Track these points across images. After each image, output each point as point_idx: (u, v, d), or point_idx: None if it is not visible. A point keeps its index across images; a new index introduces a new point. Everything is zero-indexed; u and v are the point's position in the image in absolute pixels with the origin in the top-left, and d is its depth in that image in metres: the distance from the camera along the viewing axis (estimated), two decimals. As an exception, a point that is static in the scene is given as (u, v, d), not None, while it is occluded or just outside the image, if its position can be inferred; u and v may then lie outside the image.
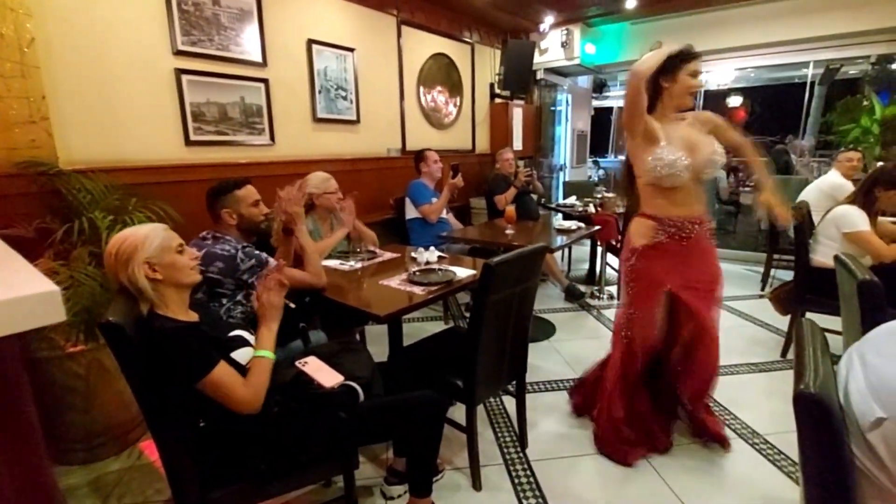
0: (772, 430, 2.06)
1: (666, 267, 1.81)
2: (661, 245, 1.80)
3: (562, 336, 3.09)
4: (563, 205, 4.34)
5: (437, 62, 4.22)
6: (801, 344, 0.85)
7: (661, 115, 1.78)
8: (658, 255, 1.81)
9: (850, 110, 4.49)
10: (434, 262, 2.17)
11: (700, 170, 1.75)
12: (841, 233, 2.46)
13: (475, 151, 4.81)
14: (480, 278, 1.48)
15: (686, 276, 1.81)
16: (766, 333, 3.12)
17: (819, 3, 4.09)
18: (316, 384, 1.32)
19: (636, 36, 5.05)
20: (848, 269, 1.37)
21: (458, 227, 3.49)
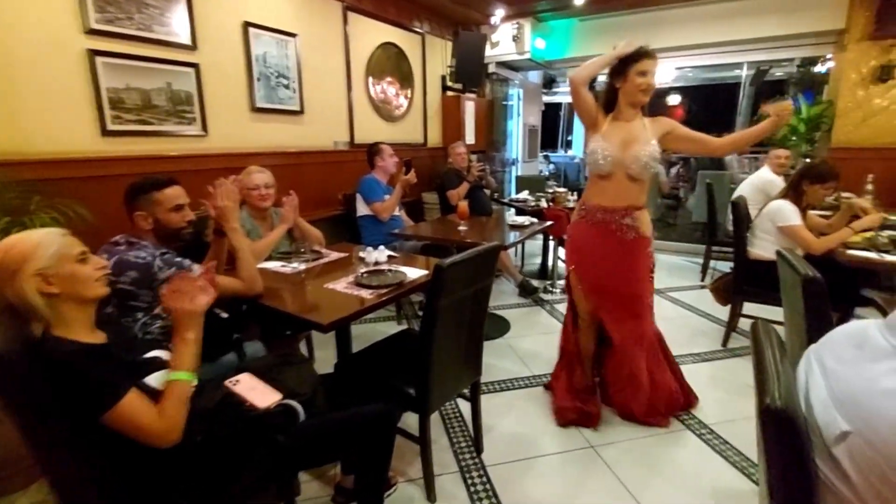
0: (717, 420, 2.12)
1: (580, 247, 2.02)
2: (578, 225, 2.01)
3: (516, 332, 3.07)
4: (515, 199, 4.33)
5: (386, 52, 4.07)
6: (760, 349, 0.82)
7: (619, 113, 1.90)
8: (576, 235, 2.04)
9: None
10: (384, 262, 2.05)
11: (626, 165, 1.86)
12: (775, 227, 2.58)
13: (427, 145, 4.70)
14: (431, 281, 1.39)
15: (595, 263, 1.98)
16: (708, 324, 3.25)
17: (752, 7, 4.29)
18: (248, 405, 1.18)
19: (584, 32, 5.11)
20: (791, 265, 1.39)
21: (411, 224, 3.38)
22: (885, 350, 0.66)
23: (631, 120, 1.89)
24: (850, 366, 0.69)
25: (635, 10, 4.68)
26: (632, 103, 1.86)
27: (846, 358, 0.71)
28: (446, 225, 3.21)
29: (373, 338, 2.00)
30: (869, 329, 0.71)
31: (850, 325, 0.77)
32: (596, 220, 1.94)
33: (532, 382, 2.43)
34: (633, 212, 1.90)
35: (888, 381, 0.61)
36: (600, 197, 1.93)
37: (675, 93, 10.12)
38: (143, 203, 1.50)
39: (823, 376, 0.72)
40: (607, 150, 1.85)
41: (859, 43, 3.87)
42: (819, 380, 0.73)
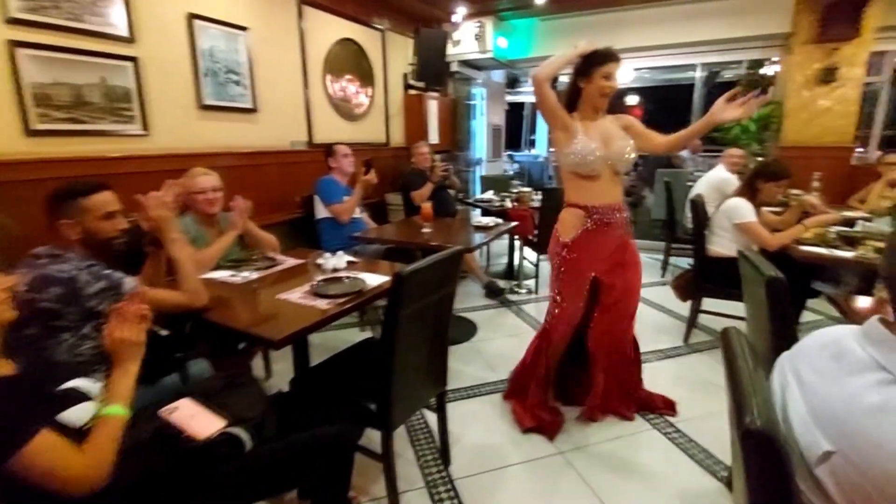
0: (682, 418, 2.13)
1: (592, 255, 1.91)
2: (588, 233, 1.89)
3: (484, 335, 3.02)
4: (480, 200, 4.29)
5: (344, 48, 3.93)
6: (732, 359, 0.79)
7: (583, 113, 1.89)
8: (585, 245, 1.90)
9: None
10: (342, 268, 1.94)
11: (614, 161, 1.86)
12: (732, 223, 2.64)
13: (389, 145, 4.59)
14: (391, 291, 1.31)
15: (609, 260, 1.94)
16: (670, 320, 3.31)
17: (705, 10, 4.42)
18: (187, 436, 1.06)
19: (546, 32, 5.13)
20: (753, 265, 1.39)
21: (373, 227, 3.27)
22: (863, 362, 0.62)
23: (597, 119, 1.90)
24: (828, 379, 0.65)
25: (595, 10, 4.74)
26: (594, 107, 1.87)
27: (824, 371, 0.67)
28: (410, 227, 3.12)
29: (334, 346, 1.90)
30: (845, 339, 0.68)
31: (824, 334, 0.74)
32: (609, 220, 1.88)
33: (500, 387, 2.37)
34: (623, 208, 1.93)
35: (870, 398, 0.58)
36: (591, 198, 1.87)
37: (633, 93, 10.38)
38: (68, 211, 1.34)
39: (801, 390, 0.69)
40: (596, 151, 1.80)
41: (804, 46, 4.05)
42: (796, 394, 0.69)
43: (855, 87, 4.01)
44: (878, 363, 0.61)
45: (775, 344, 1.26)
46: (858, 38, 3.86)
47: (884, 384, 0.59)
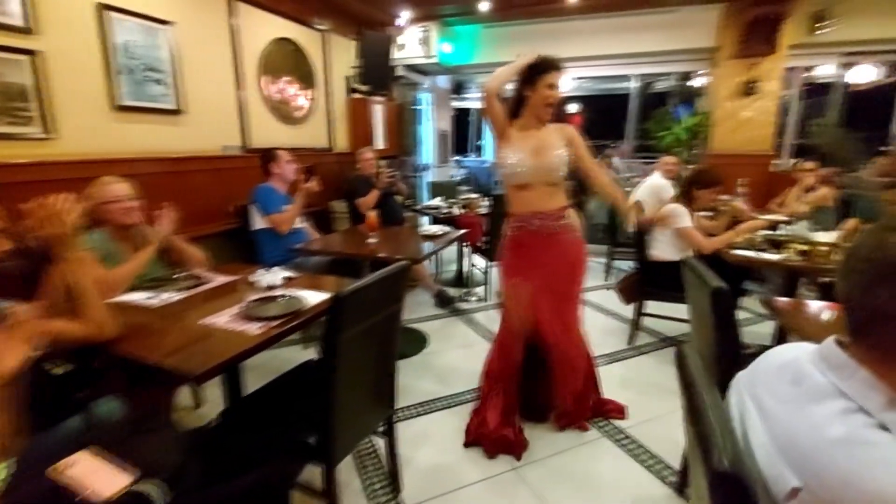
0: (631, 423, 2.15)
1: (527, 261, 1.94)
2: (520, 238, 1.95)
3: (435, 347, 2.93)
4: (428, 206, 4.22)
5: (281, 48, 3.73)
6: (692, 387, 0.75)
7: (525, 121, 1.90)
8: (519, 248, 1.96)
9: (662, 120, 5.23)
10: (278, 285, 1.79)
11: (544, 172, 1.87)
12: (670, 229, 2.73)
13: (333, 150, 4.41)
14: (329, 314, 1.19)
15: (545, 275, 1.93)
16: (615, 323, 3.39)
17: (639, 23, 4.62)
18: (83, 497, 0.90)
19: (490, 39, 5.16)
20: (697, 274, 1.41)
21: (317, 237, 3.10)
22: (824, 389, 0.60)
23: (539, 128, 1.91)
24: (789, 407, 0.62)
25: (537, 20, 4.82)
26: (538, 116, 1.88)
27: (784, 397, 0.65)
28: (356, 237, 2.98)
29: (274, 368, 1.73)
30: (802, 362, 0.66)
31: (780, 354, 0.72)
32: (534, 228, 1.91)
33: (452, 402, 2.30)
34: (564, 212, 1.95)
35: (834, 430, 0.55)
36: (528, 205, 1.91)
37: (573, 102, 10.74)
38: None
39: (761, 417, 0.66)
40: (521, 161, 1.84)
41: (729, 60, 4.33)
42: (757, 422, 0.66)
43: (772, 99, 4.34)
44: (838, 390, 0.59)
45: (719, 351, 1.28)
46: (774, 55, 4.18)
47: (847, 413, 0.56)
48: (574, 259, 1.98)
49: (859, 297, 0.59)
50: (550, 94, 1.81)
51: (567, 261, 1.97)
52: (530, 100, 1.84)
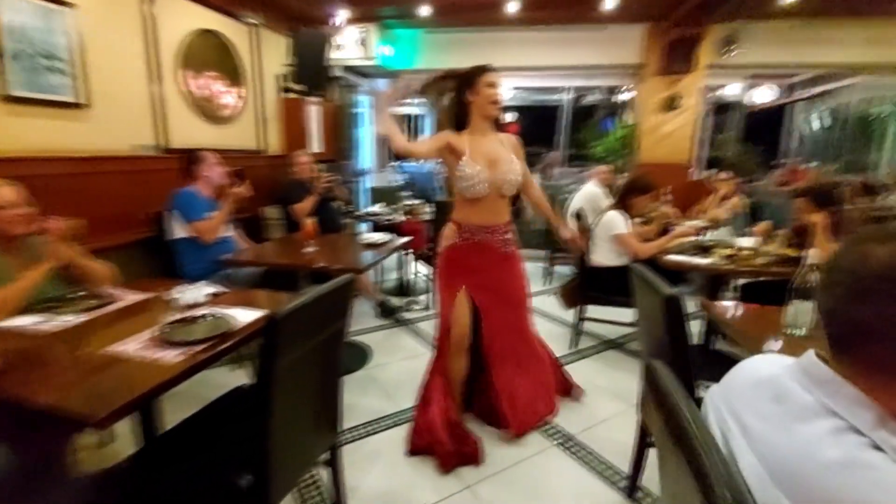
0: (580, 428, 2.16)
1: (464, 268, 1.95)
2: (460, 248, 1.94)
3: (379, 360, 2.80)
4: (369, 213, 4.07)
5: (205, 41, 3.43)
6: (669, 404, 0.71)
7: (475, 128, 1.88)
8: (457, 257, 1.95)
9: (593, 131, 5.48)
10: (202, 302, 1.59)
11: (500, 185, 1.89)
12: (609, 235, 2.82)
13: (265, 152, 4.14)
14: (265, 337, 1.04)
15: (483, 280, 1.97)
16: (557, 327, 3.44)
17: (574, 38, 4.80)
18: None
19: (431, 44, 5.13)
20: (647, 282, 1.42)
21: (247, 247, 2.85)
22: (811, 407, 0.58)
23: (487, 134, 1.91)
24: (776, 427, 0.60)
25: (477, 28, 4.85)
26: (486, 116, 1.88)
27: (768, 416, 0.62)
28: (291, 246, 2.78)
29: (197, 394, 1.53)
30: (781, 378, 0.64)
31: (754, 369, 0.70)
32: (480, 239, 1.93)
33: (399, 419, 2.18)
34: (510, 226, 2.01)
35: (828, 452, 0.52)
36: (478, 217, 1.91)
37: (510, 111, 10.99)
38: None
39: (747, 439, 0.63)
40: (481, 175, 1.83)
41: (653, 77, 4.61)
42: (742, 443, 0.63)
43: (691, 114, 4.68)
44: (827, 408, 0.56)
45: (673, 355, 1.28)
46: (693, 73, 4.51)
47: (839, 433, 0.54)
48: (519, 271, 2.08)
49: (842, 310, 0.57)
50: (493, 91, 1.83)
51: (514, 273, 2.06)
52: (475, 104, 1.85)
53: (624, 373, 2.76)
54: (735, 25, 4.47)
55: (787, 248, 2.61)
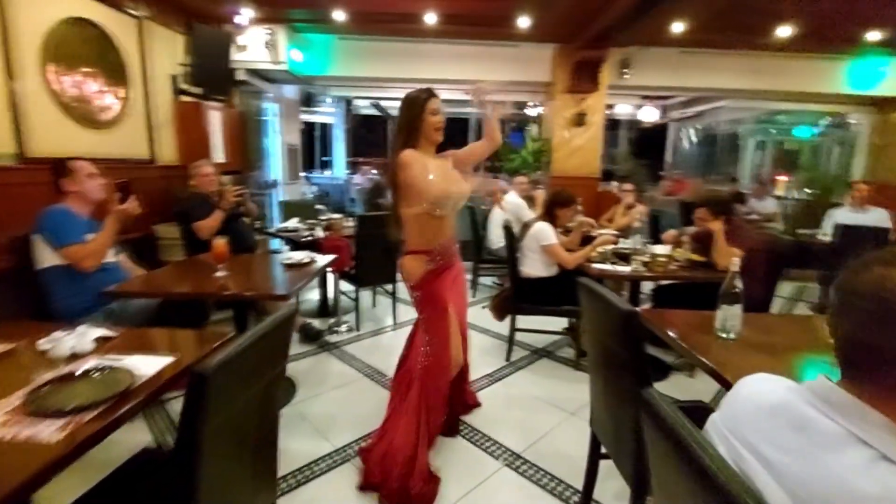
0: (525, 445, 2.12)
1: (445, 290, 1.92)
2: (436, 272, 1.90)
3: (306, 393, 2.53)
4: (284, 229, 3.74)
5: (78, 31, 2.91)
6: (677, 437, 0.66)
7: (425, 149, 1.88)
8: (437, 283, 1.90)
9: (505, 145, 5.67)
10: (88, 351, 1.27)
11: (458, 200, 1.93)
12: (539, 245, 2.87)
13: (156, 162, 3.63)
14: (187, 400, 0.82)
15: (456, 296, 1.98)
16: (489, 339, 3.42)
17: (489, 53, 4.92)
18: None
19: (345, 51, 4.93)
20: (597, 296, 1.41)
21: (138, 274, 2.43)
22: (837, 435, 0.55)
23: (433, 154, 1.94)
24: (802, 458, 0.56)
25: (393, 37, 4.76)
26: (431, 141, 1.92)
27: (789, 447, 0.59)
28: (196, 270, 2.42)
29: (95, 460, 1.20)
30: (797, 405, 0.61)
31: (763, 395, 0.68)
32: (448, 257, 1.93)
33: (337, 459, 1.97)
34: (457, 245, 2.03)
35: (866, 484, 0.50)
36: (443, 235, 1.90)
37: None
38: None
39: (768, 470, 0.59)
40: (446, 190, 1.81)
41: (562, 94, 4.88)
42: (762, 474, 0.59)
43: (597, 130, 5.03)
44: (854, 436, 0.54)
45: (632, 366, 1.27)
46: (597, 92, 4.85)
47: (873, 464, 0.52)
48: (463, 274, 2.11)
49: (862, 335, 0.56)
50: (436, 119, 1.86)
51: (464, 284, 2.11)
52: (421, 129, 1.87)
53: (557, 381, 2.81)
54: (631, 50, 4.90)
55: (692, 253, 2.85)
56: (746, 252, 2.68)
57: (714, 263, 2.71)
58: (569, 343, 3.32)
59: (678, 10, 3.72)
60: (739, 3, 3.75)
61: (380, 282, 3.65)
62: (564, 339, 3.36)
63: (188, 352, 1.35)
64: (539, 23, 4.14)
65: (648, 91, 6.15)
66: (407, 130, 1.86)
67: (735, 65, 5.07)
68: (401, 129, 1.86)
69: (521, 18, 4.03)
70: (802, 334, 1.72)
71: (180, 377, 1.20)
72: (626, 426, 1.34)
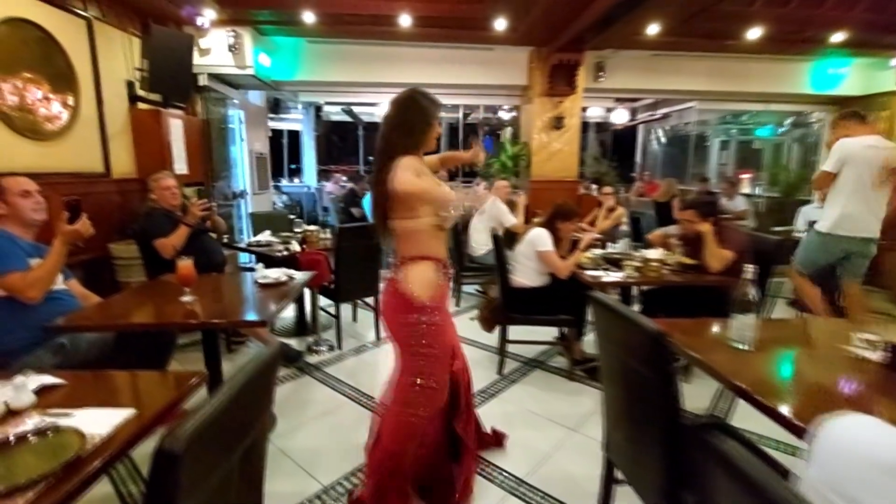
0: (527, 469, 1.99)
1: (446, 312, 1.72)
2: (443, 287, 1.69)
3: (287, 425, 2.32)
4: (257, 244, 3.50)
5: (16, 33, 2.63)
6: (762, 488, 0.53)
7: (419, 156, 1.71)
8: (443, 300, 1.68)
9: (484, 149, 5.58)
10: (27, 405, 1.06)
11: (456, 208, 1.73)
12: (535, 251, 2.75)
13: (111, 176, 3.33)
14: (153, 482, 0.64)
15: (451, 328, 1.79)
16: (479, 352, 3.28)
17: (464, 57, 4.82)
18: None
19: (314, 55, 4.72)
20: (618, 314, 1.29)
21: (93, 302, 2.17)
22: None
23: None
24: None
25: (366, 41, 4.59)
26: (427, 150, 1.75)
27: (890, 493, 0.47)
28: (160, 293, 2.19)
29: None
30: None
31: (879, 451, 0.56)
32: (445, 273, 1.70)
33: (326, 500, 1.78)
34: None
35: None
36: (444, 248, 1.71)
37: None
38: None
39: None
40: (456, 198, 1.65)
41: (540, 98, 4.83)
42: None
43: (575, 133, 4.99)
44: None
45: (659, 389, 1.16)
46: (574, 95, 4.82)
47: None
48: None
49: None
50: (439, 129, 1.73)
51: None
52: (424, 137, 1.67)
53: (553, 393, 2.70)
54: (605, 54, 4.90)
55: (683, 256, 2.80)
56: (737, 253, 2.68)
57: (706, 266, 2.67)
58: (560, 352, 3.22)
59: (651, 13, 3.72)
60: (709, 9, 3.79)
61: (361, 295, 3.46)
62: (554, 348, 3.26)
63: (151, 400, 1.15)
64: (515, 26, 4.07)
65: (621, 94, 6.20)
66: (410, 135, 1.63)
67: (703, 67, 5.15)
68: (402, 133, 1.62)
69: (497, 21, 3.94)
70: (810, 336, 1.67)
71: (142, 434, 1.01)
72: (651, 455, 1.22)
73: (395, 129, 1.61)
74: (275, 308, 1.94)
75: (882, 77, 5.01)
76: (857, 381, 1.27)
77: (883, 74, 4.97)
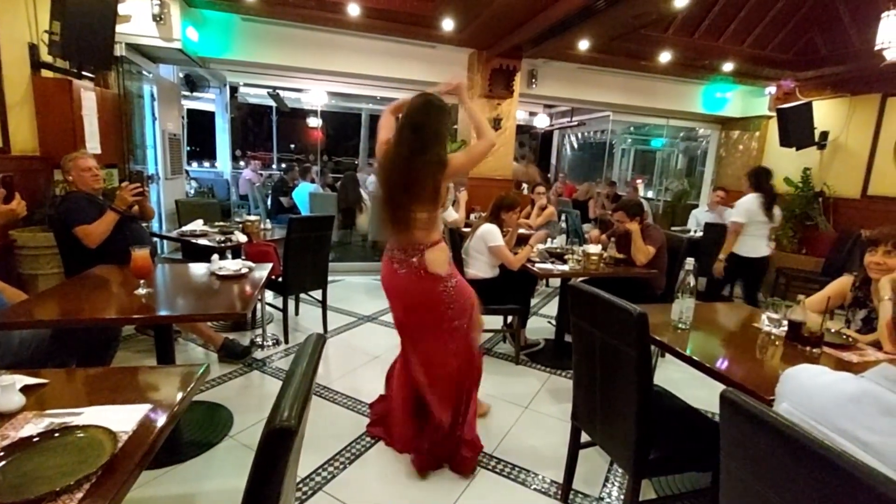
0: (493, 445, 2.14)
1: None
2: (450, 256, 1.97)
3: (244, 420, 2.22)
4: (191, 233, 3.24)
5: None
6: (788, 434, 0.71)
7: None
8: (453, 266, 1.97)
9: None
10: (18, 408, 0.95)
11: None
12: (487, 246, 2.91)
13: (10, 153, 2.87)
14: (265, 457, 0.67)
15: None
16: (428, 343, 3.38)
17: (406, 51, 4.82)
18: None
19: (247, 34, 4.42)
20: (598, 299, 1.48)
21: (19, 298, 1.89)
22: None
23: None
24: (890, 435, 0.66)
25: (306, 25, 4.41)
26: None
27: (883, 429, 0.68)
28: (109, 285, 1.98)
29: None
30: (878, 392, 0.71)
31: (840, 386, 0.77)
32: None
33: (306, 491, 1.77)
34: None
35: None
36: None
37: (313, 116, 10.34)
38: None
39: (868, 452, 0.68)
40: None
41: (480, 98, 5.01)
42: (863, 457, 0.67)
43: (511, 134, 5.27)
44: None
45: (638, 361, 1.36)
46: (512, 98, 5.08)
47: None
48: None
49: None
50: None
51: None
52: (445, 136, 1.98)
53: (504, 377, 2.89)
54: (538, 63, 5.23)
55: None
56: (657, 249, 3.09)
57: (633, 259, 3.04)
58: (504, 339, 3.44)
59: (585, 31, 4.07)
60: (632, 32, 4.26)
61: (309, 288, 3.37)
62: (497, 336, 3.47)
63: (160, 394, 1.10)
64: (462, 27, 4.20)
65: (550, 101, 6.63)
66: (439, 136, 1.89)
67: (619, 83, 5.73)
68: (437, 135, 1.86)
69: (445, 21, 4.04)
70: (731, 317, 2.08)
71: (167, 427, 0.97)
72: (628, 419, 1.43)
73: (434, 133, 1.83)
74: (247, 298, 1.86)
75: (758, 103, 5.97)
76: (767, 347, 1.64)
77: (759, 101, 5.93)
